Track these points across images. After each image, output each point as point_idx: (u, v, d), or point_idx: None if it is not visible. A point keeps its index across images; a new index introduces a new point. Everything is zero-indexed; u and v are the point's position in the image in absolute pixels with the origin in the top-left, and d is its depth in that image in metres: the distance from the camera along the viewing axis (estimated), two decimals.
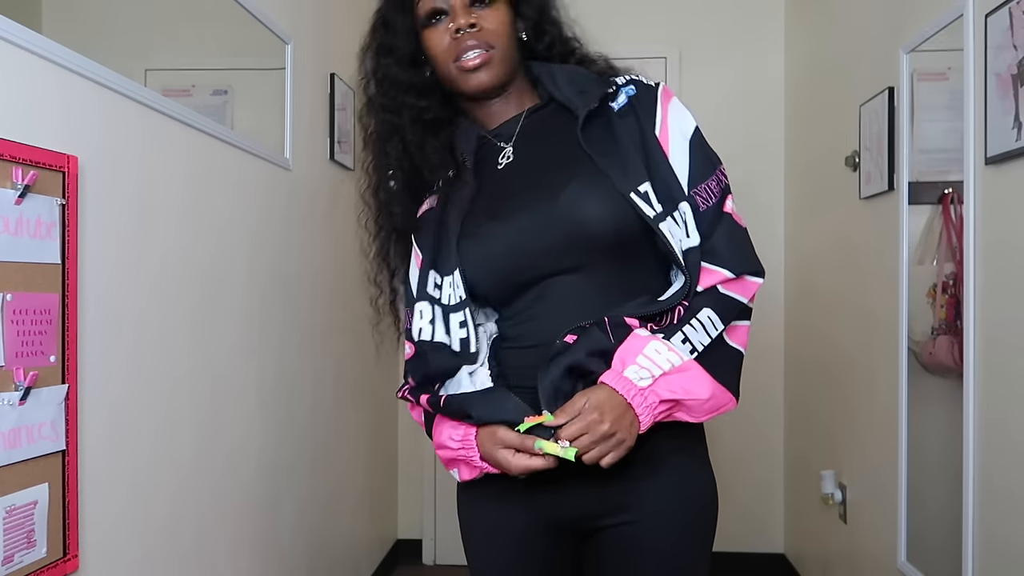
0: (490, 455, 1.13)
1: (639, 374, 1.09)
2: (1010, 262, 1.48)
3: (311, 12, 2.27)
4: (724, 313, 1.15)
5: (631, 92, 1.23)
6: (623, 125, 1.20)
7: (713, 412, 1.15)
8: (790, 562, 3.06)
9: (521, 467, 1.10)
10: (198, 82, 1.70)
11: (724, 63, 3.10)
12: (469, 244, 1.19)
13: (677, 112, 1.21)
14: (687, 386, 1.11)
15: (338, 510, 2.52)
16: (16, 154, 1.07)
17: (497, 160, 1.25)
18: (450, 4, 1.20)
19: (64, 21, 1.26)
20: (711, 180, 1.18)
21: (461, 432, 1.17)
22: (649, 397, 1.09)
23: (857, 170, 2.26)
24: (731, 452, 3.15)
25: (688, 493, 1.22)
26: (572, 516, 1.20)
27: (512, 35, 1.23)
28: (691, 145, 1.19)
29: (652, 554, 1.19)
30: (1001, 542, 1.52)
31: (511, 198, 1.20)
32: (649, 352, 1.10)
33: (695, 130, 1.21)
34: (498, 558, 1.25)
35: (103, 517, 1.29)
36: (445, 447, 1.19)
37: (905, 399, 1.94)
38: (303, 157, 2.18)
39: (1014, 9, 1.44)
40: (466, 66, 1.20)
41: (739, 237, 1.18)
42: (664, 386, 1.10)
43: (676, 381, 1.11)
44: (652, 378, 1.09)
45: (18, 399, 1.08)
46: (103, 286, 1.28)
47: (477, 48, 1.19)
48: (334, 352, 2.46)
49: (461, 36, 1.19)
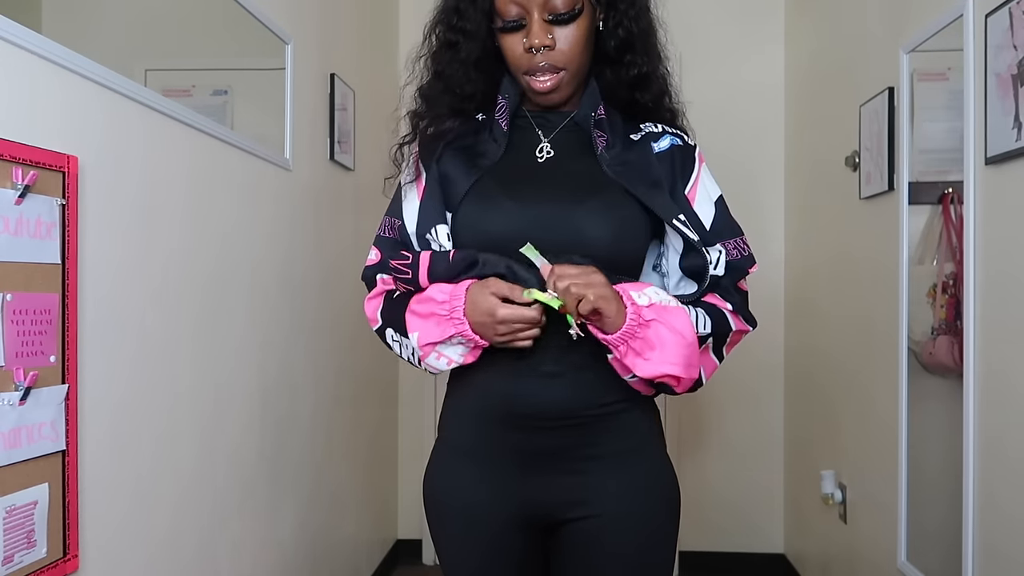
0: (477, 304, 1.14)
1: (640, 294, 1.15)
2: (1010, 262, 1.48)
3: (311, 12, 2.27)
4: (716, 324, 1.21)
5: (676, 142, 1.28)
6: (661, 167, 1.25)
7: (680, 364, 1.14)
8: (790, 562, 3.06)
9: (505, 315, 1.12)
10: (198, 82, 1.70)
11: (724, 63, 3.10)
12: (473, 206, 1.22)
13: (707, 177, 1.28)
14: (675, 322, 1.14)
15: (338, 510, 2.52)
16: (16, 154, 1.07)
17: (535, 150, 1.28)
18: (529, 15, 1.19)
19: (64, 21, 1.26)
20: (730, 244, 1.25)
21: (450, 287, 1.18)
22: (642, 311, 1.13)
23: (857, 170, 2.26)
24: (731, 452, 3.15)
25: (647, 488, 1.24)
26: (535, 510, 1.22)
27: (586, 49, 1.24)
28: (716, 207, 1.26)
29: (612, 548, 1.21)
30: (1001, 542, 1.52)
31: (537, 189, 1.22)
32: (650, 291, 1.16)
33: (720, 196, 1.28)
34: (469, 556, 1.26)
35: (103, 517, 1.29)
36: (427, 301, 1.19)
37: (905, 399, 1.94)
38: (303, 157, 2.18)
39: (1014, 9, 1.44)
40: (536, 88, 1.23)
41: (746, 298, 1.29)
42: (657, 310, 1.14)
43: (667, 313, 1.14)
44: (649, 301, 1.14)
45: (18, 399, 1.08)
46: (103, 286, 1.28)
47: (549, 72, 1.21)
48: (335, 352, 2.46)
49: (534, 54, 1.20)
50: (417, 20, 1.26)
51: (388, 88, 3.11)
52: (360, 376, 2.71)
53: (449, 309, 1.17)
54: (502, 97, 1.28)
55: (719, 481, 3.12)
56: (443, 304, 1.17)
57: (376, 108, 2.91)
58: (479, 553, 1.25)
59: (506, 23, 1.21)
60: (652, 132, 1.29)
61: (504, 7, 1.20)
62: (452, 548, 1.28)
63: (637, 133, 1.29)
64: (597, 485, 1.21)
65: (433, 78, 1.29)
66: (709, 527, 3.11)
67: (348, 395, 2.60)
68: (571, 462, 1.21)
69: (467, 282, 1.18)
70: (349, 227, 2.61)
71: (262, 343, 1.91)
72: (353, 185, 2.64)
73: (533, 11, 1.19)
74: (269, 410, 1.95)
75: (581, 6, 1.20)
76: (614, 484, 1.21)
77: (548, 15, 1.19)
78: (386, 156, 1.35)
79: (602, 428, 1.21)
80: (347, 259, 2.58)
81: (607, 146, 1.25)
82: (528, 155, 1.27)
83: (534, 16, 1.19)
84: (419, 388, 3.25)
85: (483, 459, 1.24)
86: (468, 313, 1.15)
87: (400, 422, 3.28)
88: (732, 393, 3.11)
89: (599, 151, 1.24)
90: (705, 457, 3.14)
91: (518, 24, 1.20)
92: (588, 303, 1.08)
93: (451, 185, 1.25)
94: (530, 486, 1.22)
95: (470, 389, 1.26)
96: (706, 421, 3.15)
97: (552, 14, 1.19)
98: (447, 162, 1.27)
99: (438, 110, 1.28)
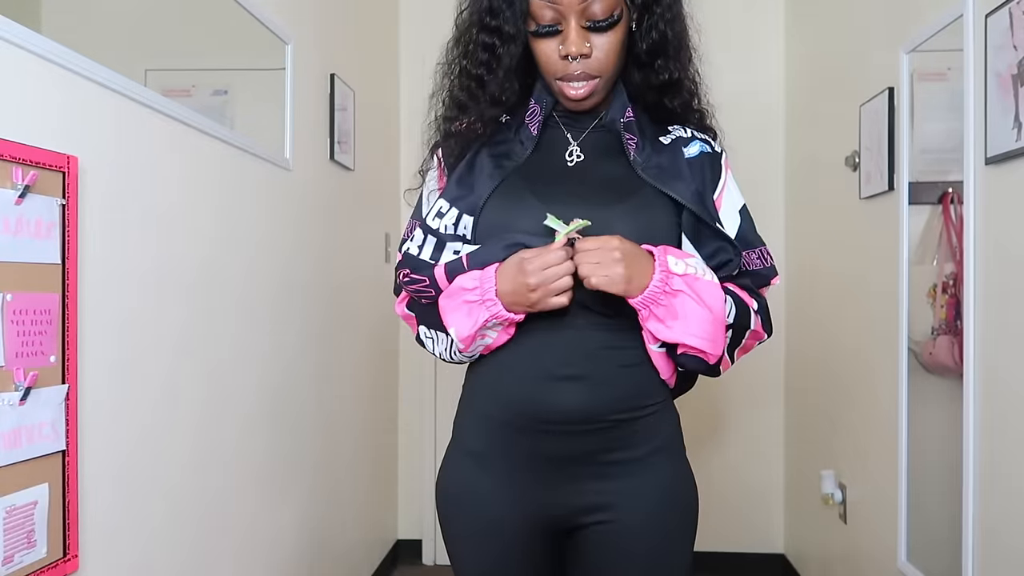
0: (506, 272, 1.13)
1: (678, 260, 1.13)
2: (1010, 262, 1.48)
3: (311, 12, 2.27)
4: (739, 315, 1.20)
5: (706, 149, 1.27)
6: (692, 173, 1.23)
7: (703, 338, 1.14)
8: (790, 562, 3.06)
9: (531, 257, 1.11)
10: (198, 82, 1.70)
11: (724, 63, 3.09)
12: (499, 206, 1.20)
13: (732, 185, 1.28)
14: (705, 295, 1.13)
15: (338, 510, 2.52)
16: (16, 154, 1.07)
17: (565, 153, 1.26)
18: (566, 20, 1.16)
19: (64, 21, 1.26)
20: (754, 253, 1.25)
21: (479, 272, 1.16)
22: (671, 280, 1.11)
23: (857, 170, 2.26)
24: (731, 452, 3.15)
25: (668, 492, 1.23)
26: (555, 514, 1.21)
27: (621, 56, 1.21)
28: (741, 216, 1.26)
29: (631, 552, 1.20)
30: (1001, 542, 1.52)
31: (568, 192, 1.20)
32: (693, 261, 1.15)
33: (744, 205, 1.28)
34: (484, 558, 1.25)
35: (103, 517, 1.29)
36: (456, 293, 1.16)
37: (905, 399, 1.94)
38: (303, 157, 2.18)
39: (1014, 9, 1.44)
40: (571, 95, 1.20)
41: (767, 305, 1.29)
42: (689, 281, 1.12)
43: (698, 284, 1.13)
44: (684, 270, 1.12)
45: (18, 399, 1.08)
46: (103, 286, 1.28)
47: (583, 79, 1.19)
48: (335, 352, 2.46)
49: (570, 62, 1.17)
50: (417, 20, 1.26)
51: (388, 88, 3.11)
52: (360, 376, 2.72)
53: (481, 293, 1.14)
54: (535, 102, 1.26)
55: (719, 481, 3.11)
56: (474, 290, 1.15)
57: (376, 108, 2.91)
58: (495, 555, 1.23)
59: (540, 28, 1.17)
60: (682, 137, 1.26)
61: (539, 11, 1.16)
62: (467, 551, 1.26)
63: (666, 136, 1.26)
64: (619, 489, 1.19)
65: (466, 79, 1.25)
66: (709, 527, 3.08)
67: (348, 395, 2.60)
68: (594, 466, 1.19)
69: (495, 264, 1.15)
70: (349, 227, 2.61)
71: (262, 343, 1.91)
72: (353, 185, 2.64)
73: (571, 18, 1.15)
74: (269, 410, 1.95)
75: (620, 12, 1.16)
76: (636, 487, 1.19)
77: (586, 22, 1.15)
78: (386, 156, 1.35)
79: (625, 432, 1.19)
80: (347, 259, 2.58)
81: (638, 149, 1.23)
82: (558, 157, 1.25)
83: (571, 23, 1.15)
84: (419, 388, 3.25)
85: (502, 464, 1.22)
86: (500, 290, 1.13)
87: (400, 422, 3.28)
88: (732, 393, 3.11)
89: (631, 155, 1.22)
90: (705, 457, 3.14)
91: (554, 29, 1.17)
92: (589, 284, 1.09)
93: (475, 186, 1.22)
94: (552, 491, 1.20)
95: (488, 392, 1.24)
96: (706, 421, 3.15)
97: (590, 21, 1.15)
98: (472, 164, 1.25)
99: (469, 114, 1.25)
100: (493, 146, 1.26)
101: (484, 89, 1.23)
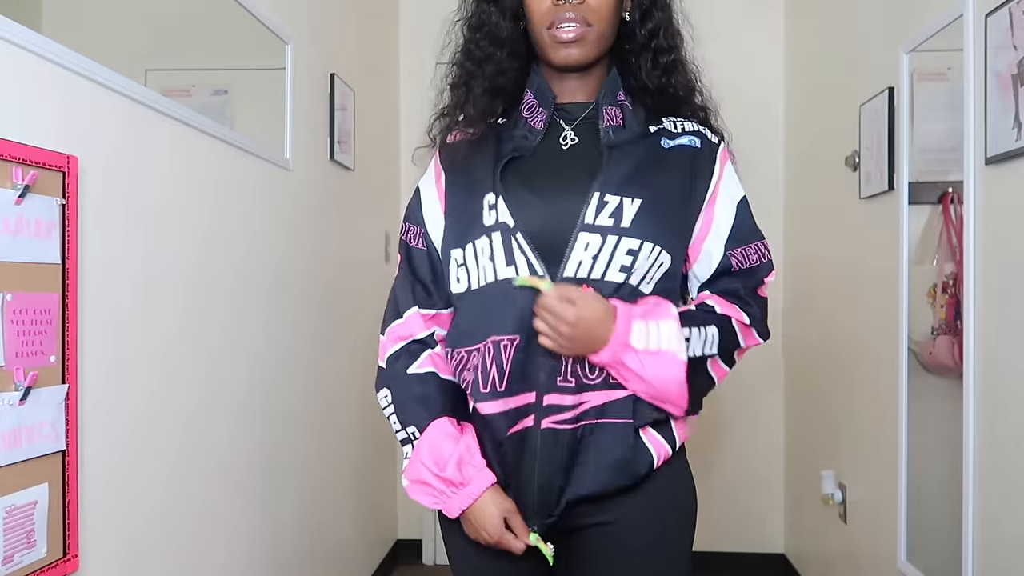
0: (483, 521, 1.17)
1: (642, 334, 1.11)
2: (1010, 262, 1.48)
3: (311, 12, 2.27)
4: (725, 341, 1.18)
5: (694, 144, 1.24)
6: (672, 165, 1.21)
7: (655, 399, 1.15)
8: (790, 562, 3.06)
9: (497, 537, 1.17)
10: (198, 82, 1.70)
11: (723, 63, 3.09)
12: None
13: (731, 178, 1.26)
14: (660, 372, 1.12)
15: (338, 510, 2.52)
16: (16, 154, 1.07)
17: (559, 138, 1.25)
18: None
19: (64, 21, 1.26)
20: (751, 248, 1.23)
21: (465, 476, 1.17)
22: (624, 355, 1.11)
23: (857, 170, 2.26)
24: (731, 452, 3.15)
25: (667, 492, 1.22)
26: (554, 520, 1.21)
27: (614, 16, 1.20)
28: (738, 209, 1.24)
29: (631, 552, 1.20)
30: (1001, 542, 1.52)
31: (556, 183, 1.20)
32: (665, 328, 1.12)
33: (743, 198, 1.26)
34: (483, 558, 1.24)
35: (103, 517, 1.29)
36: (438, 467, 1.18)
37: (905, 399, 1.94)
38: (303, 157, 2.18)
39: (1014, 9, 1.44)
40: (559, 37, 1.18)
41: (765, 306, 1.26)
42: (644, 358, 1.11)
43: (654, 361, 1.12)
44: (645, 345, 1.11)
45: (18, 399, 1.08)
46: (103, 286, 1.28)
47: (574, 22, 1.17)
48: (334, 351, 2.46)
49: (562, 4, 1.16)
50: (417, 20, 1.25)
51: (388, 88, 3.11)
52: (360, 375, 2.71)
53: (454, 493, 1.18)
54: (533, 96, 1.25)
55: (719, 481, 3.12)
56: (451, 487, 1.18)
57: (376, 108, 2.91)
58: (494, 555, 1.23)
59: None
60: (669, 130, 1.25)
61: None
62: (464, 553, 1.27)
63: (656, 126, 1.25)
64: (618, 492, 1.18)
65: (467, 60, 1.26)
66: (709, 527, 3.09)
67: (347, 394, 2.60)
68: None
69: (486, 482, 1.17)
70: (349, 227, 2.61)
71: (261, 342, 1.91)
72: (353, 185, 2.64)
73: None
74: (268, 410, 1.95)
75: None
76: (635, 491, 1.19)
77: None
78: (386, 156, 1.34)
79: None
80: (347, 259, 2.58)
81: (619, 127, 1.21)
82: (552, 145, 1.24)
83: None
84: None
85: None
86: (467, 512, 1.18)
87: None
88: (732, 393, 3.10)
89: (602, 129, 1.21)
90: (705, 457, 3.13)
91: None
92: (544, 342, 1.11)
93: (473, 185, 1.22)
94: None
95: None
96: (706, 421, 3.14)
97: None
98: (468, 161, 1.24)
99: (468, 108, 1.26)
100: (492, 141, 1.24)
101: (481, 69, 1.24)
